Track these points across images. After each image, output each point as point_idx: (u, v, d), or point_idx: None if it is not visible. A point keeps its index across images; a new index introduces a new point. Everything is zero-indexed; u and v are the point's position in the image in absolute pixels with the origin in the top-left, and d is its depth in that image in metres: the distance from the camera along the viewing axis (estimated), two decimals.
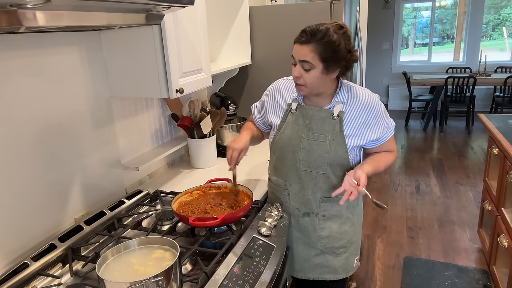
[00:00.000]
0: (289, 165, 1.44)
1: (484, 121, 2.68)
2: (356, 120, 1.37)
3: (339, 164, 1.40)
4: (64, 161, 1.39)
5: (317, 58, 1.24)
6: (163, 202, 1.64)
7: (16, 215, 1.22)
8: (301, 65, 1.27)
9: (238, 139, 1.47)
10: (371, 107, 1.37)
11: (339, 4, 2.24)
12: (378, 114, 1.38)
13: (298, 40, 1.26)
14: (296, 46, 1.28)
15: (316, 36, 1.22)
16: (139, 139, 1.83)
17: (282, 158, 1.45)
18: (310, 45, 1.23)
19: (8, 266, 1.19)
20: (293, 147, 1.40)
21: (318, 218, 1.47)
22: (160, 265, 1.03)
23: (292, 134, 1.41)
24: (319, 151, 1.37)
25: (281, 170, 1.48)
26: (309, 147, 1.38)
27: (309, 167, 1.40)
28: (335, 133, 1.36)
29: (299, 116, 1.41)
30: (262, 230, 1.33)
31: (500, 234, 2.23)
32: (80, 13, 1.00)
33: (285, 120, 1.44)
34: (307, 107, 1.40)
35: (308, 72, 1.27)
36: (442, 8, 7.33)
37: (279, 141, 1.45)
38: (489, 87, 6.75)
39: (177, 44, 1.49)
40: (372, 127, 1.38)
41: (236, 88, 2.56)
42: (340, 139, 1.37)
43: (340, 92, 1.37)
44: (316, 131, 1.38)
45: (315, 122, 1.38)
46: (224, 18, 2.35)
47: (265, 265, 1.20)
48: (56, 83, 1.33)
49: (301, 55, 1.25)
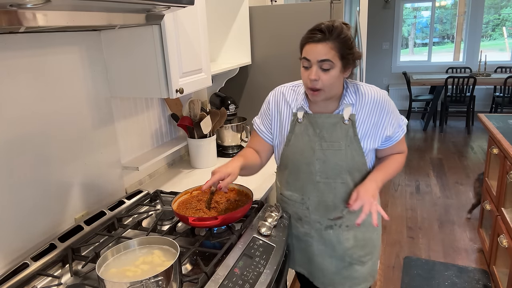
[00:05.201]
0: (304, 178, 1.35)
1: (484, 121, 2.68)
2: (368, 121, 1.30)
3: (358, 170, 1.33)
4: (64, 161, 1.39)
5: (337, 56, 1.17)
6: (163, 202, 1.64)
7: (16, 215, 1.22)
8: (319, 66, 1.18)
9: (227, 164, 1.30)
10: (381, 105, 1.30)
11: (339, 4, 2.24)
12: (389, 111, 1.31)
13: (312, 39, 1.17)
14: (310, 46, 1.18)
15: (333, 33, 1.15)
16: (139, 139, 1.83)
17: (296, 171, 1.36)
18: (329, 43, 1.15)
19: (8, 266, 1.19)
20: (307, 159, 1.32)
21: (342, 229, 1.39)
22: (160, 265, 1.03)
23: (303, 145, 1.32)
24: (335, 159, 1.30)
25: (295, 184, 1.39)
26: (324, 157, 1.30)
27: (327, 178, 1.32)
28: (349, 138, 1.29)
29: (308, 126, 1.32)
30: (262, 230, 1.33)
31: (500, 234, 2.23)
32: (80, 13, 1.00)
33: (293, 132, 1.34)
34: (315, 115, 1.31)
35: (327, 73, 1.18)
36: (442, 8, 7.32)
37: (289, 155, 1.36)
38: (489, 87, 6.75)
39: (177, 44, 1.49)
40: (386, 125, 1.32)
41: (236, 88, 2.56)
42: (355, 144, 1.30)
43: (348, 93, 1.30)
44: (329, 139, 1.30)
45: (326, 130, 1.30)
46: (224, 18, 2.35)
47: (265, 265, 1.20)
48: (56, 83, 1.33)
49: (320, 54, 1.16)
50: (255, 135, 1.48)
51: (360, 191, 1.25)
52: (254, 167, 1.43)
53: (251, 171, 1.43)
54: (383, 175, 1.33)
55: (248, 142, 1.52)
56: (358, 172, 1.33)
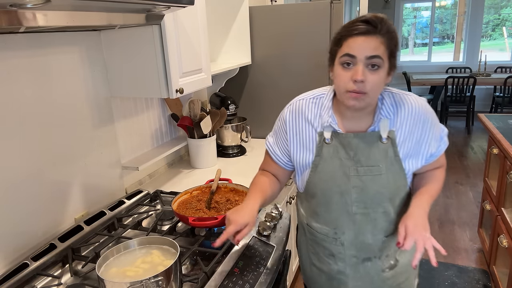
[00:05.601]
0: (337, 210, 1.14)
1: (484, 121, 2.68)
2: (410, 137, 1.09)
3: (400, 196, 1.14)
4: (64, 161, 1.39)
5: (386, 54, 0.98)
6: (163, 202, 1.64)
7: (16, 215, 1.22)
8: (366, 64, 0.97)
9: (242, 211, 1.08)
10: (424, 116, 1.09)
11: (339, 4, 2.24)
12: (432, 123, 1.11)
13: (359, 30, 0.97)
14: (355, 40, 0.97)
15: (383, 25, 0.97)
16: (139, 139, 1.83)
17: (326, 202, 1.15)
18: (380, 36, 0.97)
19: (8, 266, 1.19)
20: (340, 187, 1.11)
21: (381, 260, 1.20)
22: (160, 265, 1.02)
23: (335, 171, 1.11)
24: (375, 187, 1.09)
25: (326, 216, 1.17)
26: (362, 184, 1.09)
27: (365, 208, 1.12)
28: (390, 160, 1.09)
29: (339, 148, 1.10)
30: (262, 230, 1.33)
31: (500, 234, 2.23)
32: (80, 13, 1.00)
33: (321, 155, 1.12)
34: (347, 135, 1.09)
35: (375, 73, 0.98)
36: (442, 8, 7.32)
37: (318, 183, 1.13)
38: (489, 87, 6.75)
39: (177, 44, 1.49)
40: (430, 140, 1.11)
41: (236, 88, 2.56)
42: (397, 166, 1.09)
43: (384, 104, 1.08)
44: (366, 163, 1.09)
45: (361, 152, 1.09)
46: (224, 18, 2.35)
47: (265, 265, 1.20)
48: (56, 83, 1.33)
49: (369, 49, 0.96)
50: (270, 159, 1.27)
51: (408, 225, 1.05)
52: (272, 197, 1.25)
53: (270, 202, 1.25)
54: (429, 198, 1.13)
55: (263, 163, 1.31)
56: (399, 198, 1.14)
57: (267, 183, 1.23)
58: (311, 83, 2.37)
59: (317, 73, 2.35)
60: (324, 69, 2.33)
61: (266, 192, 1.19)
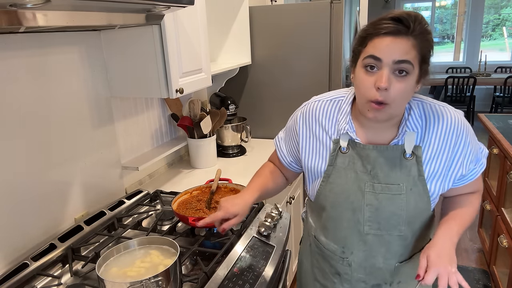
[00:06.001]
0: (348, 227, 1.03)
1: (484, 121, 2.68)
2: (439, 156, 0.95)
3: (421, 220, 1.01)
4: (64, 161, 1.39)
5: (417, 59, 0.85)
6: (163, 202, 1.64)
7: (16, 215, 1.22)
8: (393, 69, 0.84)
9: (236, 200, 1.04)
10: (458, 133, 0.95)
11: (339, 4, 2.24)
12: (467, 141, 0.96)
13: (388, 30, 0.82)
14: (383, 41, 0.83)
15: (417, 25, 0.82)
16: (139, 139, 1.83)
17: (337, 218, 1.04)
18: (412, 38, 0.82)
19: (8, 266, 1.19)
20: (353, 204, 0.99)
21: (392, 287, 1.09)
22: (160, 265, 1.02)
23: (348, 185, 0.99)
24: (392, 208, 0.97)
25: (335, 233, 1.06)
26: (377, 203, 0.97)
27: (378, 229, 1.00)
28: (413, 179, 0.95)
29: (355, 159, 0.98)
30: (262, 230, 1.33)
31: (500, 234, 2.23)
32: (80, 13, 1.00)
33: (334, 165, 1.01)
34: (365, 147, 0.97)
35: (402, 80, 0.84)
36: (442, 8, 7.32)
37: (329, 196, 1.03)
38: (489, 87, 6.74)
39: (177, 44, 1.49)
40: (462, 160, 0.97)
41: (236, 88, 2.56)
42: (420, 187, 0.96)
43: (412, 116, 0.94)
44: (384, 181, 0.96)
45: (380, 167, 0.96)
46: (224, 18, 2.35)
47: (265, 265, 1.20)
48: (56, 83, 1.33)
49: (399, 52, 0.82)
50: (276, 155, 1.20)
51: (431, 255, 0.91)
52: (275, 191, 1.18)
53: (272, 195, 1.19)
54: (458, 227, 0.98)
55: (271, 155, 1.25)
56: (420, 222, 1.01)
57: (269, 177, 1.17)
58: (311, 83, 2.37)
59: (317, 73, 2.35)
60: (324, 69, 2.33)
61: (266, 185, 1.14)
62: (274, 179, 1.18)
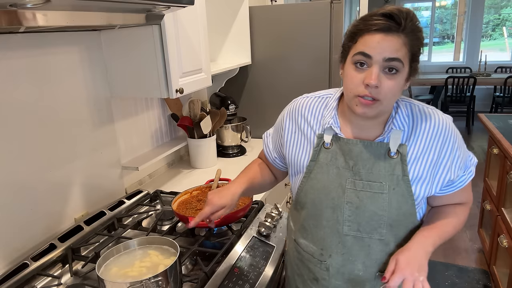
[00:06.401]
0: (327, 227, 0.99)
1: (484, 121, 2.68)
2: (424, 158, 0.93)
3: (405, 226, 0.97)
4: (64, 161, 1.39)
5: (408, 57, 0.84)
6: (163, 202, 1.64)
7: (16, 215, 1.22)
8: (383, 67, 0.83)
9: (222, 192, 1.03)
10: (445, 136, 0.93)
11: (339, 4, 2.24)
12: (455, 146, 0.94)
13: (379, 26, 0.81)
14: (374, 37, 0.82)
15: (408, 22, 0.81)
16: (139, 139, 1.83)
17: (316, 216, 1.01)
18: (403, 36, 0.82)
19: (8, 266, 1.19)
20: (333, 201, 0.96)
21: None
22: (160, 265, 1.02)
23: (329, 181, 0.97)
24: (372, 207, 0.94)
25: (314, 233, 1.03)
26: (357, 201, 0.95)
27: (358, 231, 0.96)
28: (396, 178, 0.92)
29: (338, 154, 0.96)
30: (262, 230, 1.33)
31: (500, 234, 2.23)
32: (80, 13, 1.00)
33: (316, 160, 0.98)
34: (349, 141, 0.95)
35: (391, 78, 0.84)
36: (442, 8, 7.33)
37: (309, 192, 1.00)
38: (489, 87, 6.74)
39: (177, 44, 1.49)
40: (449, 165, 0.94)
41: (236, 88, 2.56)
42: (404, 188, 0.93)
43: (399, 114, 0.93)
44: (366, 177, 0.94)
45: (363, 163, 0.94)
46: (224, 18, 2.35)
47: (265, 265, 1.20)
48: (56, 83, 1.33)
49: (389, 50, 0.81)
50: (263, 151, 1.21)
51: (400, 260, 0.90)
52: (263, 186, 1.17)
53: (260, 190, 1.18)
54: (436, 237, 0.95)
55: (260, 152, 1.24)
56: (403, 227, 0.97)
57: (258, 171, 1.16)
58: (311, 83, 2.37)
59: (317, 73, 2.35)
60: (324, 69, 2.33)
61: (255, 179, 1.12)
62: (262, 173, 1.17)
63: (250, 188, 1.10)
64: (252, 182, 1.11)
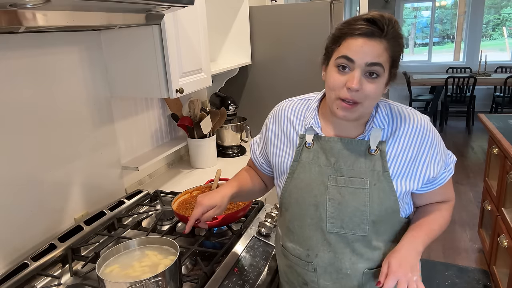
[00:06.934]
0: (311, 225, 1.00)
1: (484, 121, 2.68)
2: (403, 154, 0.95)
3: (388, 222, 0.98)
4: (64, 161, 1.39)
5: (389, 62, 0.87)
6: (163, 202, 1.64)
7: (16, 215, 1.22)
8: (365, 71, 0.86)
9: (212, 194, 1.04)
10: (423, 134, 0.96)
11: (339, 4, 2.24)
12: (432, 143, 0.97)
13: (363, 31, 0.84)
14: (357, 42, 0.85)
15: (390, 28, 0.84)
16: (139, 139, 1.83)
17: (300, 216, 1.01)
18: (384, 41, 0.85)
19: (8, 266, 1.19)
20: (316, 198, 0.97)
21: None
22: (160, 265, 1.02)
23: (312, 179, 0.98)
24: (354, 203, 0.95)
25: (299, 234, 1.03)
26: (339, 197, 0.96)
27: (341, 227, 0.97)
28: (377, 174, 0.95)
29: (319, 153, 0.98)
30: (262, 230, 1.33)
31: (500, 234, 2.23)
32: (80, 13, 1.00)
33: (299, 160, 1.00)
34: (330, 139, 0.97)
35: (372, 82, 0.86)
36: (442, 8, 7.33)
37: (293, 191, 1.01)
38: (489, 87, 6.74)
39: (177, 44, 1.49)
40: (427, 162, 0.97)
41: (236, 88, 2.56)
42: (384, 183, 0.95)
43: (379, 113, 0.96)
44: (348, 174, 0.96)
45: (344, 159, 0.96)
46: (224, 18, 2.35)
47: (265, 265, 1.20)
48: (56, 83, 1.33)
49: (371, 54, 0.84)
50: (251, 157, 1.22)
51: (392, 263, 0.92)
52: (254, 192, 1.18)
53: (250, 196, 1.19)
54: (425, 236, 0.98)
55: (249, 161, 1.26)
56: (387, 223, 0.98)
57: (247, 177, 1.17)
58: (311, 83, 2.37)
59: (317, 73, 2.34)
60: None
61: (245, 183, 1.14)
62: (252, 179, 1.18)
63: (240, 192, 1.10)
64: (242, 186, 1.12)
